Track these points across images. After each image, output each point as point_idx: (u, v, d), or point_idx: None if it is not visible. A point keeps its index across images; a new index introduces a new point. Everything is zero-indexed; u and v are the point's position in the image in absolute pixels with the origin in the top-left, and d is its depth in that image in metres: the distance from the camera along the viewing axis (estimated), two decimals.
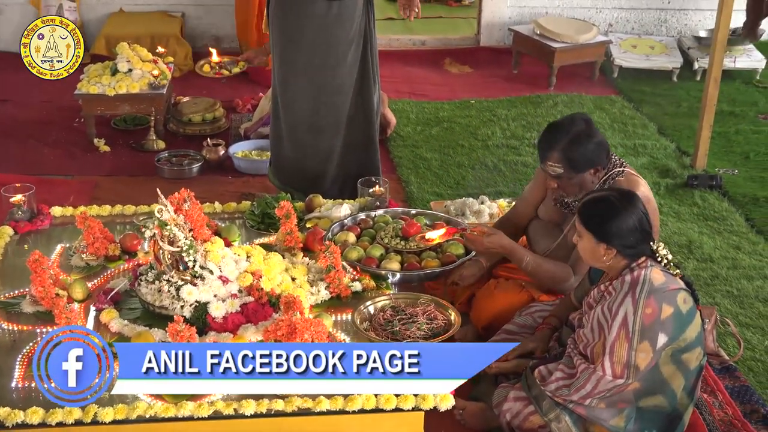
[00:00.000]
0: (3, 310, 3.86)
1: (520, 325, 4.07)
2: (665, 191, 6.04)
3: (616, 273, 3.56)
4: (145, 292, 3.83)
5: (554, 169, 3.99)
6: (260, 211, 4.59)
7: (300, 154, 5.35)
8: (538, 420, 3.61)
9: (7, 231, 4.40)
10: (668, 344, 3.46)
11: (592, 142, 3.97)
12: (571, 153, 3.95)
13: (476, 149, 6.68)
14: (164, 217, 3.72)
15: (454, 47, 9.10)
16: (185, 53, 8.24)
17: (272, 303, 3.82)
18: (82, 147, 6.62)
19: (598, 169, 4.01)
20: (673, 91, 8.00)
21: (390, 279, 4.15)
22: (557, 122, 4.10)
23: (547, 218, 4.32)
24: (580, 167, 3.97)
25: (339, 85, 5.20)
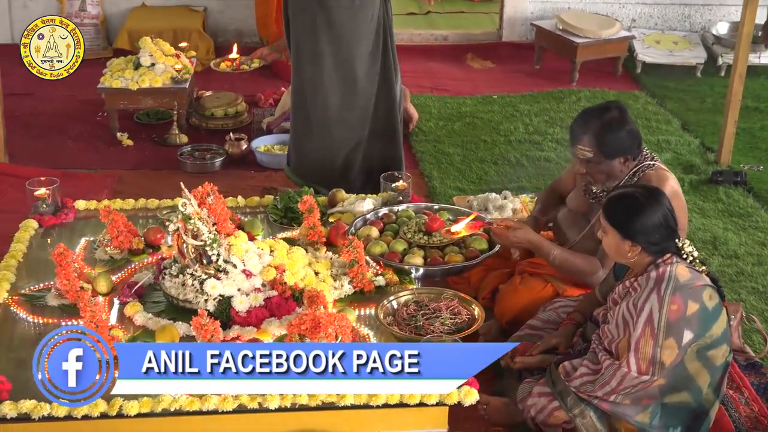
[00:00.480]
0: (28, 303, 3.88)
1: (544, 321, 4.06)
2: (689, 187, 6.01)
3: (641, 269, 3.54)
4: (169, 286, 3.83)
5: (584, 152, 3.98)
6: (283, 206, 4.59)
7: (328, 149, 5.34)
8: (563, 415, 3.60)
9: (32, 224, 4.42)
10: (694, 341, 3.44)
11: (624, 129, 3.96)
12: (602, 138, 3.93)
13: (499, 144, 6.67)
14: (188, 210, 3.72)
15: (476, 42, 9.08)
16: (207, 47, 8.26)
17: (296, 297, 3.82)
18: (105, 141, 6.65)
19: (627, 159, 3.99)
20: (697, 87, 7.97)
21: (413, 274, 4.14)
22: (592, 107, 4.11)
23: (575, 208, 4.30)
24: (610, 153, 3.96)
25: (365, 75, 5.20)
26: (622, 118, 3.98)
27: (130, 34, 8.09)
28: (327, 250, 4.24)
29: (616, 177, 4.03)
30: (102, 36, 8.46)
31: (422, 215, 4.49)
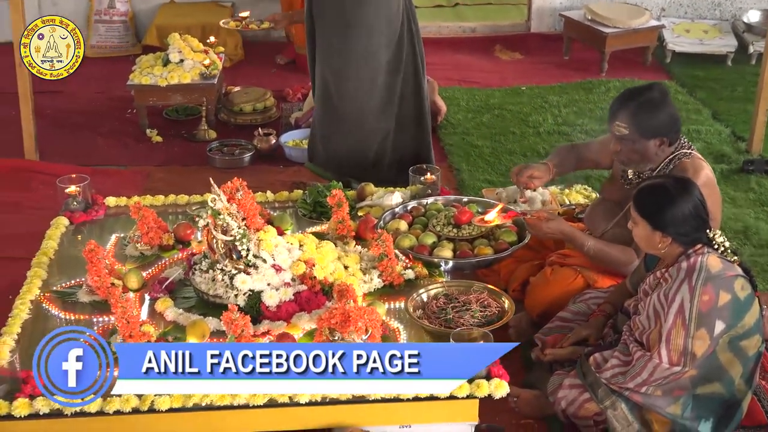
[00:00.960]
0: (60, 299, 3.90)
1: (575, 312, 4.04)
2: (720, 177, 5.95)
3: (672, 260, 3.52)
4: (199, 281, 3.85)
5: (620, 129, 3.96)
6: (312, 200, 4.59)
7: (359, 140, 5.34)
8: (594, 407, 3.59)
9: (63, 221, 4.45)
10: (726, 331, 3.41)
11: (663, 111, 3.93)
12: (640, 116, 3.91)
13: (527, 136, 6.65)
14: (217, 206, 3.73)
15: (504, 34, 9.04)
16: (236, 43, 8.27)
17: (325, 291, 3.83)
18: (134, 137, 6.68)
19: (663, 142, 3.95)
20: (727, 76, 7.90)
21: (442, 267, 4.13)
22: (635, 87, 4.10)
23: (610, 197, 4.28)
24: (646, 133, 3.93)
25: (391, 66, 5.20)
26: (662, 100, 3.95)
27: (158, 30, 8.13)
28: (356, 243, 4.24)
29: (651, 160, 4.00)
30: (131, 33, 8.50)
31: (451, 208, 4.48)
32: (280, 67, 8.14)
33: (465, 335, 3.42)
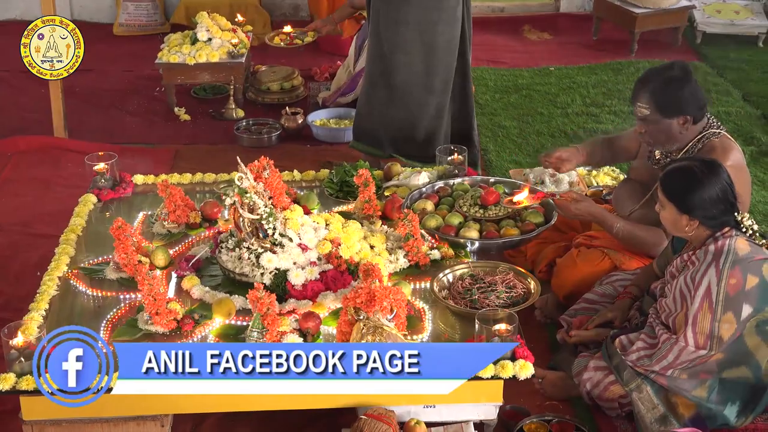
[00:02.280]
0: (87, 276, 3.93)
1: (601, 294, 4.03)
2: (749, 159, 5.91)
3: (700, 242, 3.50)
4: (225, 260, 3.86)
5: (642, 110, 3.93)
6: (339, 180, 4.59)
7: (414, 116, 5.30)
8: (619, 390, 3.58)
9: (91, 199, 4.47)
10: (753, 315, 3.40)
11: (685, 88, 3.88)
12: (660, 95, 3.87)
13: (555, 117, 6.62)
14: (244, 185, 3.74)
15: (533, 14, 9.00)
16: (264, 22, 8.27)
17: (351, 271, 3.83)
18: (162, 116, 6.71)
19: (687, 120, 3.90)
20: (758, 57, 7.83)
21: (468, 247, 4.13)
22: (656, 66, 4.07)
23: (638, 177, 4.26)
24: (668, 112, 3.89)
25: (446, 42, 5.17)
26: (683, 77, 3.90)
27: (187, 8, 8.13)
28: (382, 223, 4.24)
29: (676, 139, 3.96)
30: (159, 11, 8.50)
31: (478, 188, 4.47)
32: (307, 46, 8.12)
33: (490, 316, 3.42)
